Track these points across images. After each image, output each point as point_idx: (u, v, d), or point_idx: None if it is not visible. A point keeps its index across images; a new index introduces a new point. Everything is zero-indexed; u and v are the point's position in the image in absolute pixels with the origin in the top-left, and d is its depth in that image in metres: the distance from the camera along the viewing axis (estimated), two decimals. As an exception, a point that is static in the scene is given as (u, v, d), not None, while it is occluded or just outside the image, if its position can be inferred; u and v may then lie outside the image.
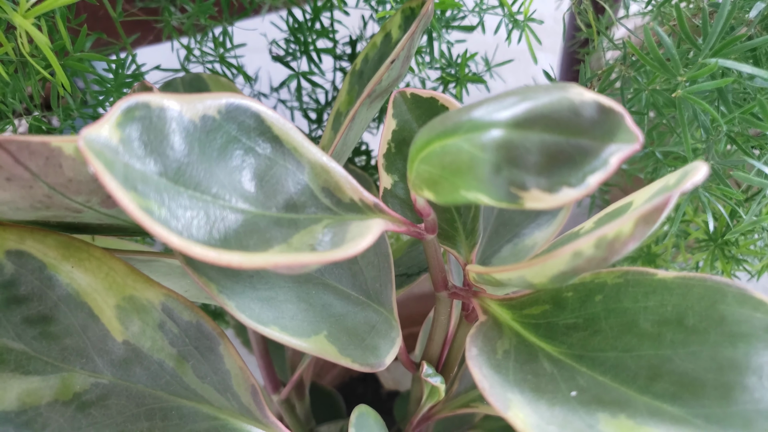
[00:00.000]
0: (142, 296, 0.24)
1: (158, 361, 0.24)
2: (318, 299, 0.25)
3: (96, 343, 0.24)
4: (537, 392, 0.19)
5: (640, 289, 0.21)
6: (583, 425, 0.17)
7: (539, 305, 0.23)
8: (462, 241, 0.28)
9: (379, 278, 0.29)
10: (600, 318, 0.22)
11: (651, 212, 0.16)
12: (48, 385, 0.23)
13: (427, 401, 0.36)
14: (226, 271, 0.22)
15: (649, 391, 0.19)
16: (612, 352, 0.21)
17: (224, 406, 0.25)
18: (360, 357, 0.25)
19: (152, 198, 0.17)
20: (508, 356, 0.22)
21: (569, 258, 0.17)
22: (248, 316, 0.21)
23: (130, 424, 0.24)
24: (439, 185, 0.18)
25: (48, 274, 0.23)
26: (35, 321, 0.23)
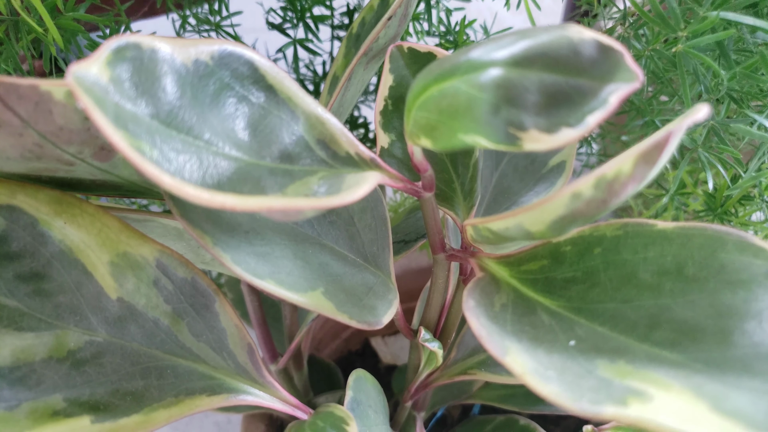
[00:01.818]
0: (136, 252, 0.23)
1: (153, 318, 0.24)
2: (315, 258, 0.25)
3: (90, 301, 0.24)
4: (535, 341, 0.19)
5: (639, 240, 0.21)
6: (582, 370, 0.17)
7: (537, 261, 0.23)
8: (460, 203, 0.28)
9: (376, 241, 0.29)
10: (599, 270, 0.21)
11: (651, 150, 0.15)
12: (42, 342, 0.23)
13: (424, 368, 0.35)
14: (221, 224, 0.22)
15: (648, 339, 0.19)
16: (611, 304, 0.20)
17: (220, 366, 0.25)
18: (357, 315, 0.25)
19: (144, 139, 0.16)
20: (506, 309, 0.21)
21: (568, 200, 0.17)
22: (244, 269, 0.21)
23: (125, 382, 0.24)
24: (437, 131, 0.18)
25: (40, 231, 0.23)
26: (28, 278, 0.23)
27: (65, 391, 0.23)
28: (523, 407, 0.38)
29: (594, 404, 0.15)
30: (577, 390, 0.16)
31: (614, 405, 0.15)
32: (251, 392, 0.26)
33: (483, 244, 0.25)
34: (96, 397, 0.23)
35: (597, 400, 0.15)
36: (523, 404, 0.38)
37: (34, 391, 0.23)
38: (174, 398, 0.24)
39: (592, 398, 0.15)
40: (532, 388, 0.16)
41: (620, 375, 0.17)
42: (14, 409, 0.22)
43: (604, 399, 0.15)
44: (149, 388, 0.24)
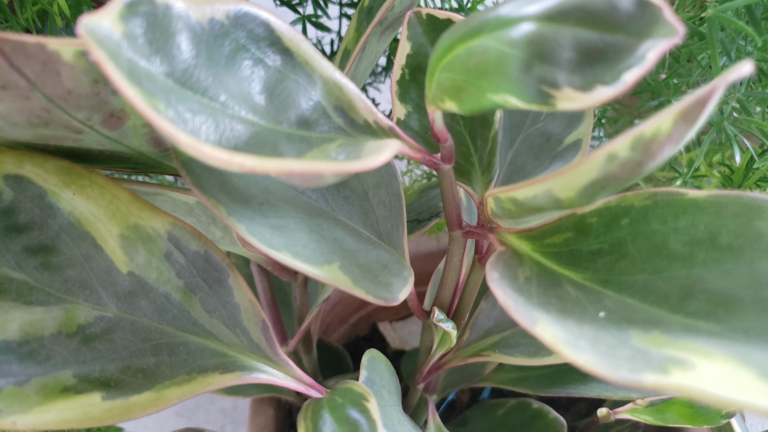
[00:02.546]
0: (148, 225, 0.23)
1: (164, 293, 0.23)
2: (329, 233, 0.24)
3: (100, 275, 0.23)
4: (563, 313, 0.19)
5: (669, 210, 0.20)
6: (615, 341, 0.17)
7: (561, 233, 0.22)
8: (477, 177, 0.27)
9: (390, 218, 0.28)
10: (626, 242, 0.21)
11: (692, 107, 0.15)
12: (51, 316, 0.22)
13: (437, 349, 0.35)
14: (234, 195, 0.21)
15: (681, 310, 0.18)
16: (640, 275, 0.20)
17: (233, 343, 0.24)
18: (374, 290, 0.24)
19: (159, 98, 0.16)
20: (530, 282, 0.21)
21: (603, 162, 0.16)
22: (259, 240, 0.20)
23: (135, 359, 0.23)
24: (464, 91, 0.17)
25: (48, 202, 0.22)
26: (36, 251, 0.22)
27: (75, 367, 0.22)
28: (536, 390, 0.37)
29: (633, 373, 0.14)
30: (613, 359, 0.15)
31: (655, 373, 0.14)
32: (265, 370, 0.25)
33: (503, 219, 0.25)
34: (107, 374, 0.23)
35: (636, 368, 0.15)
36: (537, 387, 0.37)
37: (44, 367, 0.22)
38: (186, 376, 0.24)
39: (630, 367, 0.15)
40: (566, 357, 0.16)
41: (656, 344, 0.16)
42: (23, 384, 0.21)
43: (643, 367, 0.15)
44: (161, 365, 0.24)
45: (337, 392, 0.22)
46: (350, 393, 0.21)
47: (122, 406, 0.23)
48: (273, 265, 0.34)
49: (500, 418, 0.40)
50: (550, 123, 0.38)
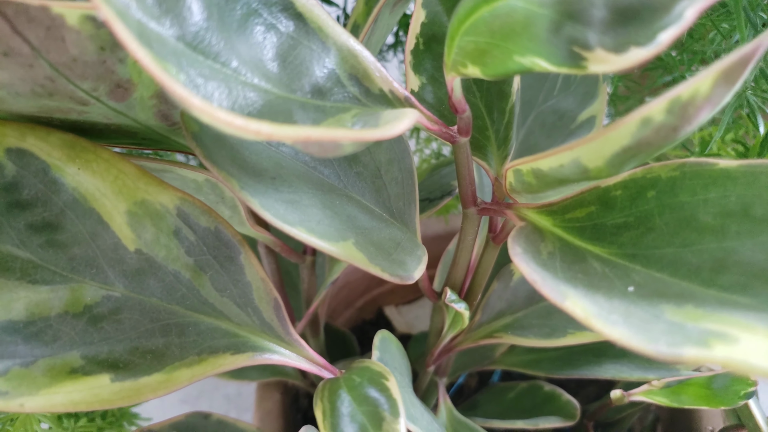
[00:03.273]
0: (155, 200, 0.22)
1: (173, 272, 0.23)
2: (342, 210, 0.24)
3: (106, 253, 0.22)
4: (591, 288, 0.18)
5: (698, 181, 0.19)
6: (648, 315, 0.16)
7: (583, 207, 0.22)
8: (493, 152, 0.26)
9: (402, 196, 0.28)
10: (653, 215, 0.20)
11: (735, 65, 0.14)
12: (57, 296, 0.22)
13: (449, 331, 0.34)
14: (246, 169, 0.21)
15: (714, 283, 0.17)
16: (668, 249, 0.19)
17: (244, 323, 0.24)
18: (389, 268, 0.23)
19: (170, 61, 0.15)
20: (554, 257, 0.20)
21: (636, 127, 0.15)
22: (273, 215, 0.20)
23: (144, 339, 0.23)
24: (488, 55, 0.16)
25: (52, 177, 0.22)
26: (40, 228, 0.22)
27: (83, 348, 0.22)
28: (548, 372, 0.37)
29: (672, 347, 0.14)
30: (649, 333, 0.15)
31: (695, 347, 0.14)
32: (277, 351, 0.24)
33: (520, 194, 0.24)
34: (115, 355, 0.22)
35: (674, 342, 0.14)
36: (549, 370, 0.37)
37: (51, 348, 0.21)
38: (196, 357, 0.23)
39: (668, 341, 0.14)
40: (599, 331, 0.15)
41: (692, 319, 0.15)
42: (30, 365, 0.21)
43: (681, 341, 0.14)
44: (170, 346, 0.23)
45: (354, 371, 0.21)
46: (368, 372, 0.21)
47: (132, 388, 0.22)
48: (281, 246, 0.33)
49: (511, 401, 0.40)
50: (563, 100, 0.37)
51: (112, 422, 0.39)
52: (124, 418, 0.40)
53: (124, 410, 0.41)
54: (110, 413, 0.40)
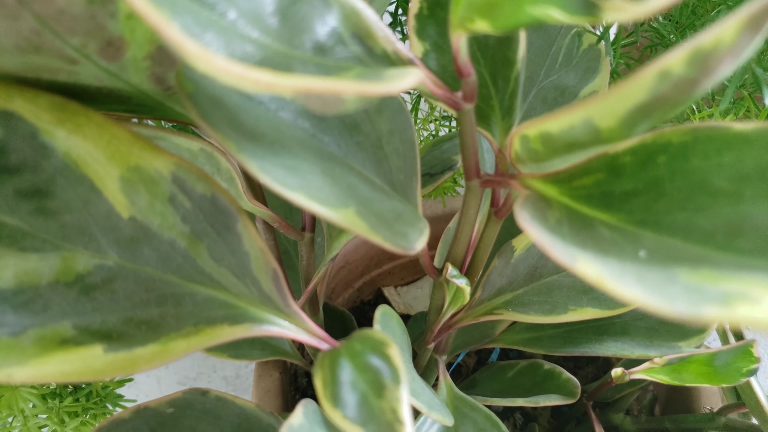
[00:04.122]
0: (150, 166, 0.21)
1: (169, 240, 0.22)
2: (343, 179, 0.23)
3: (99, 220, 0.21)
4: (601, 252, 0.17)
5: (712, 145, 0.19)
6: (662, 278, 0.15)
7: (591, 175, 0.21)
8: (497, 122, 0.26)
9: (404, 168, 0.27)
10: (664, 180, 0.19)
11: (762, 11, 0.13)
12: (47, 264, 0.21)
13: (449, 307, 0.34)
14: (243, 132, 0.20)
15: (730, 248, 0.17)
16: (680, 214, 0.18)
17: (243, 293, 0.23)
18: (390, 238, 0.23)
19: (164, 5, 0.14)
20: (561, 224, 0.19)
21: (654, 81, 0.15)
22: (272, 179, 0.19)
23: (139, 310, 0.22)
24: (497, 7, 0.16)
25: (42, 141, 0.21)
26: (30, 195, 0.21)
27: (74, 318, 0.21)
28: (548, 350, 0.36)
29: (692, 306, 0.13)
30: (665, 294, 0.14)
31: (716, 306, 0.13)
32: (276, 322, 0.24)
33: (525, 163, 0.23)
34: (108, 326, 0.22)
35: (694, 301, 0.13)
36: (549, 347, 0.36)
37: (41, 317, 0.21)
38: (193, 328, 0.22)
39: (687, 300, 0.14)
40: (613, 292, 0.14)
41: (709, 281, 0.15)
42: (19, 335, 0.20)
43: (701, 301, 0.14)
44: (166, 317, 0.22)
45: (355, 340, 0.21)
46: (370, 340, 0.20)
47: (125, 359, 0.21)
48: (279, 222, 0.33)
49: (511, 379, 0.39)
50: (564, 76, 0.36)
51: (97, 402, 0.38)
52: (108, 399, 0.39)
53: (108, 391, 0.40)
54: (95, 393, 0.40)
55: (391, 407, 0.18)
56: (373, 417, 0.18)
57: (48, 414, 0.34)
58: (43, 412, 0.34)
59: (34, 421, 0.33)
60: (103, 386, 0.40)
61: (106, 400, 0.39)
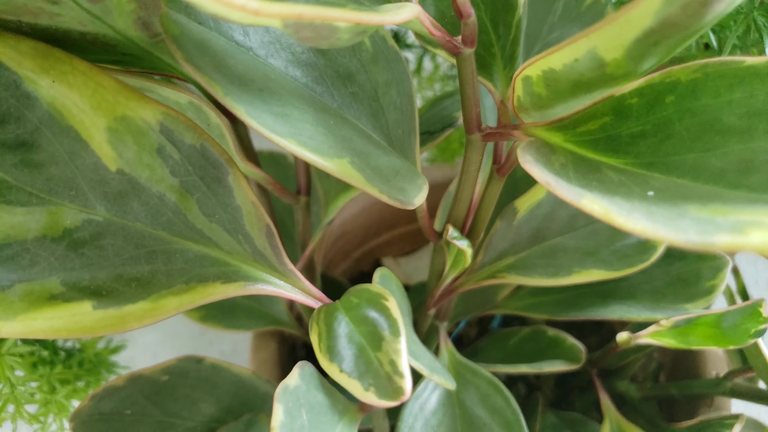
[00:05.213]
0: (137, 116, 0.20)
1: (158, 194, 0.21)
2: (337, 130, 0.22)
3: (86, 173, 0.21)
4: (608, 192, 0.16)
5: (722, 81, 0.18)
6: (672, 213, 0.15)
7: (596, 119, 0.20)
8: (499, 71, 0.25)
9: (402, 123, 0.26)
10: (672, 121, 0.18)
11: None
12: (34, 218, 0.20)
13: (450, 271, 0.33)
14: (231, 77, 0.19)
15: (742, 185, 0.16)
16: (689, 155, 0.18)
17: (235, 251, 0.22)
18: (387, 191, 0.22)
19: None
20: (566, 168, 0.19)
21: (661, 3, 0.14)
22: (261, 125, 0.18)
23: (128, 267, 0.21)
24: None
25: (25, 91, 0.20)
26: (14, 147, 0.20)
27: (63, 274, 0.20)
28: (552, 315, 0.36)
29: (703, 235, 0.13)
30: (675, 226, 0.13)
31: (729, 234, 0.12)
32: (271, 281, 0.23)
33: (529, 111, 0.22)
34: (97, 282, 0.21)
35: (706, 231, 0.13)
36: (553, 312, 0.36)
37: (28, 273, 0.20)
38: (184, 285, 0.22)
39: (699, 230, 0.13)
40: (621, 226, 0.14)
41: (721, 214, 0.14)
42: (6, 290, 0.20)
43: (713, 231, 0.13)
44: (156, 274, 0.22)
45: (351, 293, 0.20)
46: (366, 293, 0.19)
47: (115, 316, 0.21)
48: (273, 184, 0.32)
49: (514, 347, 0.39)
50: (567, 31, 0.35)
51: (90, 369, 0.37)
52: (102, 366, 0.39)
53: (102, 358, 0.40)
54: (87, 360, 0.39)
55: (390, 359, 0.17)
56: (371, 369, 0.17)
57: (39, 381, 0.34)
58: (33, 380, 0.34)
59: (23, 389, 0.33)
60: (95, 354, 0.39)
61: (101, 366, 0.38)
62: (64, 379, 0.33)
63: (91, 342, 0.39)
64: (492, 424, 0.30)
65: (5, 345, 0.31)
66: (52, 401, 0.35)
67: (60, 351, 0.37)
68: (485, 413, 0.30)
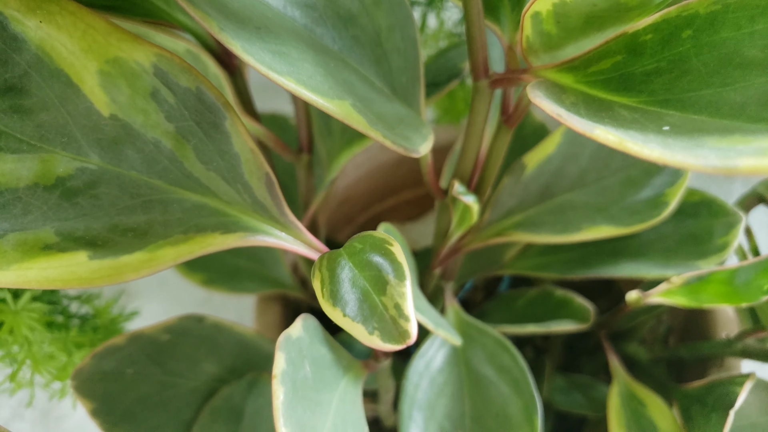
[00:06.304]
0: (130, 58, 0.20)
1: (153, 140, 0.20)
2: (338, 73, 0.21)
3: (78, 119, 0.20)
4: (621, 128, 0.16)
5: (743, 12, 0.17)
6: (690, 145, 0.14)
7: (609, 58, 0.19)
8: (507, 14, 0.24)
9: (405, 70, 0.25)
10: (689, 56, 0.18)
11: None
12: (25, 166, 0.20)
13: (456, 229, 0.32)
14: (226, 14, 0.18)
15: (763, 118, 0.15)
16: (707, 90, 0.17)
17: (234, 200, 0.22)
18: (391, 136, 0.21)
19: None
20: (577, 106, 0.18)
21: None
22: (258, 62, 0.17)
23: (124, 217, 0.21)
24: None
25: (12, 33, 0.19)
26: (2, 92, 0.19)
27: (57, 224, 0.20)
28: (561, 274, 0.35)
29: (725, 159, 0.12)
30: (694, 153, 0.13)
31: (752, 157, 0.12)
32: (271, 232, 0.22)
33: (538, 53, 0.21)
34: (92, 232, 0.20)
35: (727, 156, 0.12)
36: (561, 271, 0.35)
37: (21, 222, 0.19)
38: (182, 235, 0.21)
39: (719, 155, 0.12)
40: (636, 153, 0.13)
41: (741, 143, 0.13)
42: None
43: (735, 155, 0.12)
44: (153, 224, 0.21)
45: (355, 239, 0.19)
46: (370, 239, 0.19)
47: (111, 267, 0.20)
48: (274, 141, 0.31)
49: (521, 308, 0.38)
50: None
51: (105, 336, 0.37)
52: (116, 332, 0.39)
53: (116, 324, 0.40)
54: (102, 326, 0.39)
55: (395, 303, 0.17)
56: (375, 313, 0.17)
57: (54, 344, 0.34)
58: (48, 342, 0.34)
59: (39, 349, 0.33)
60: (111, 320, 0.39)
61: (114, 333, 0.38)
62: (79, 343, 0.33)
63: (105, 308, 0.39)
64: (499, 382, 0.29)
65: (21, 301, 0.31)
66: (70, 364, 0.34)
67: (74, 317, 0.37)
68: (492, 372, 0.30)
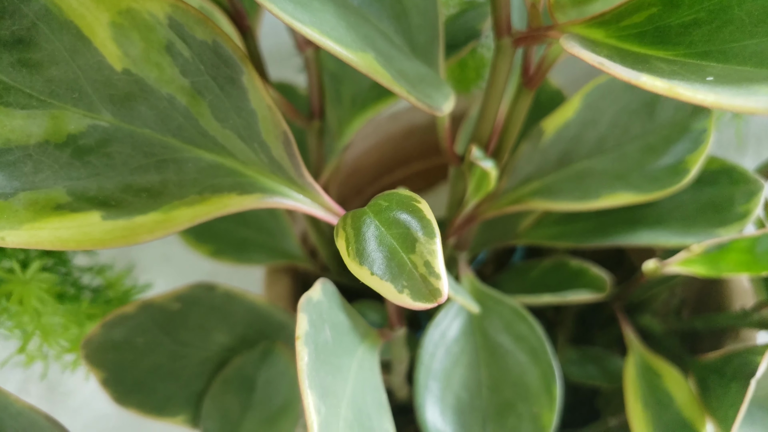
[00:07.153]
0: (143, 8, 0.19)
1: (167, 96, 0.20)
2: (360, 28, 0.21)
3: (89, 74, 0.19)
4: (664, 76, 0.15)
5: (792, -43, 0.16)
6: (740, 91, 0.13)
7: (643, 11, 0.18)
8: (531, -31, 0.23)
9: (425, 29, 0.24)
10: (731, 5, 0.17)
11: None
12: (35, 123, 0.19)
13: (473, 196, 0.32)
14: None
15: (814, 66, 0.14)
16: (751, 40, 0.16)
17: (250, 160, 0.21)
18: (414, 92, 0.20)
19: None
20: (613, 59, 0.17)
21: None
22: (280, 9, 0.17)
23: (138, 176, 0.20)
24: None
25: (20, -19, 0.18)
26: (10, 45, 0.19)
27: (68, 183, 0.19)
28: (578, 242, 0.34)
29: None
30: (747, 97, 0.12)
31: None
32: (289, 194, 0.22)
33: (565, 9, 0.21)
34: (105, 192, 0.20)
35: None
36: (579, 240, 0.34)
37: (32, 180, 0.19)
38: (198, 196, 0.21)
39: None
40: (689, 99, 0.12)
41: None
42: (10, 197, 0.18)
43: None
44: (167, 185, 0.20)
45: (380, 198, 0.19)
46: (396, 196, 0.18)
47: (125, 227, 0.19)
48: (285, 106, 0.30)
49: (535, 279, 0.38)
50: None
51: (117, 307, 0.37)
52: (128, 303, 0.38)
53: (128, 296, 0.39)
54: (115, 299, 0.38)
55: (425, 260, 0.16)
56: (404, 271, 0.16)
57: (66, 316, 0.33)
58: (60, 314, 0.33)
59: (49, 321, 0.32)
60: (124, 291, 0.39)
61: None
62: (91, 315, 0.33)
63: (117, 279, 0.39)
64: (516, 350, 0.29)
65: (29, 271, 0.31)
66: (81, 335, 0.34)
67: (85, 289, 0.37)
68: (509, 340, 0.29)
